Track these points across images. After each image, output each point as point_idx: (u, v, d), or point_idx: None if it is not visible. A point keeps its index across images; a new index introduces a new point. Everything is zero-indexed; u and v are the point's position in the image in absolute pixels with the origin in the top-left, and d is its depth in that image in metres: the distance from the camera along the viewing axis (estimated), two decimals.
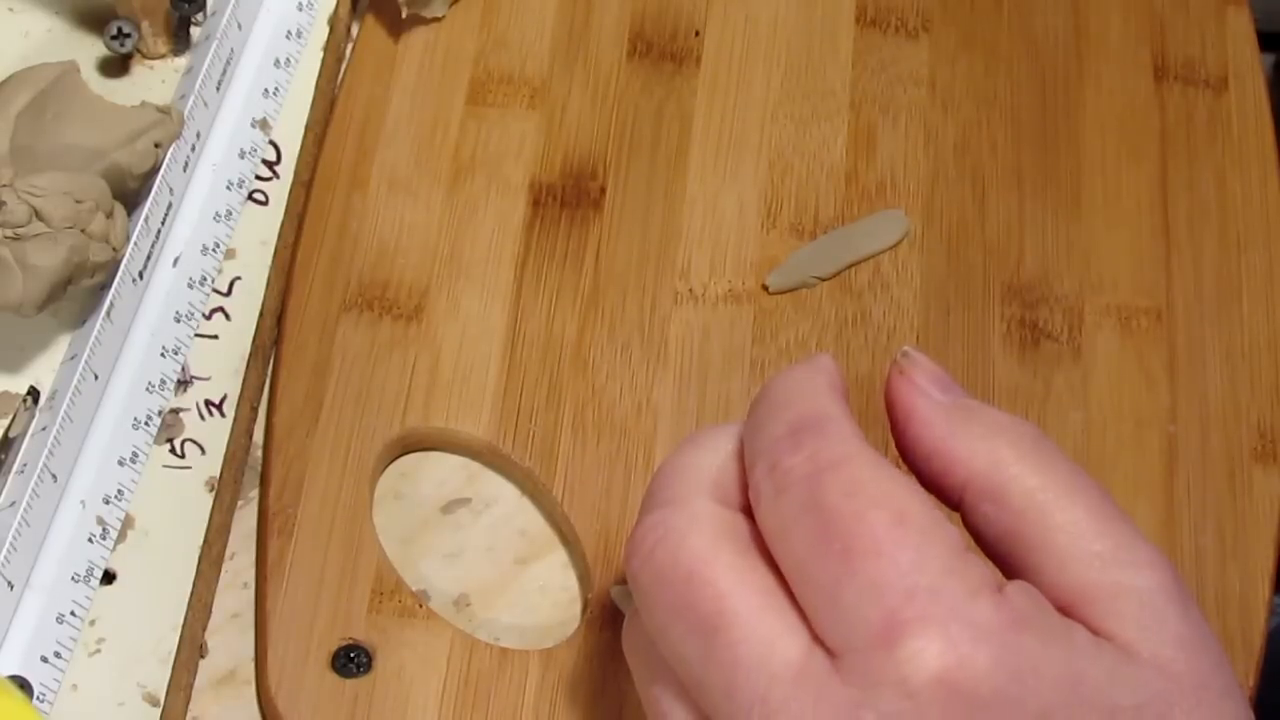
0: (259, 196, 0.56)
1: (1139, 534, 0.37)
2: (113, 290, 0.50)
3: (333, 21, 0.59)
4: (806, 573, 0.35)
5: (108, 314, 0.50)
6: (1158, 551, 0.37)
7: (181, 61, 0.57)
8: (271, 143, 0.57)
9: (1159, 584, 0.36)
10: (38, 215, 0.48)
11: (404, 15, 0.57)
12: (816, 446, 0.36)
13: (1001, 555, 0.38)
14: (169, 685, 0.47)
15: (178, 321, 0.52)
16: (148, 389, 0.51)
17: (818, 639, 0.35)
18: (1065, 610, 0.36)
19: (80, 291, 0.50)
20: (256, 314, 0.53)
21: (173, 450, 0.51)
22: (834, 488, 0.35)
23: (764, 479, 0.36)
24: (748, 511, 0.37)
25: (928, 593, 0.34)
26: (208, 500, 0.50)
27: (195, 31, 0.57)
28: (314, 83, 0.58)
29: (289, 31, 0.58)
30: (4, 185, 0.48)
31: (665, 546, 0.36)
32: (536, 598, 0.50)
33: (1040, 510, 0.37)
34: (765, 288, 0.54)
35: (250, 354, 0.53)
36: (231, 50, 0.56)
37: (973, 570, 0.35)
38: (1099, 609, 0.36)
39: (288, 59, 0.57)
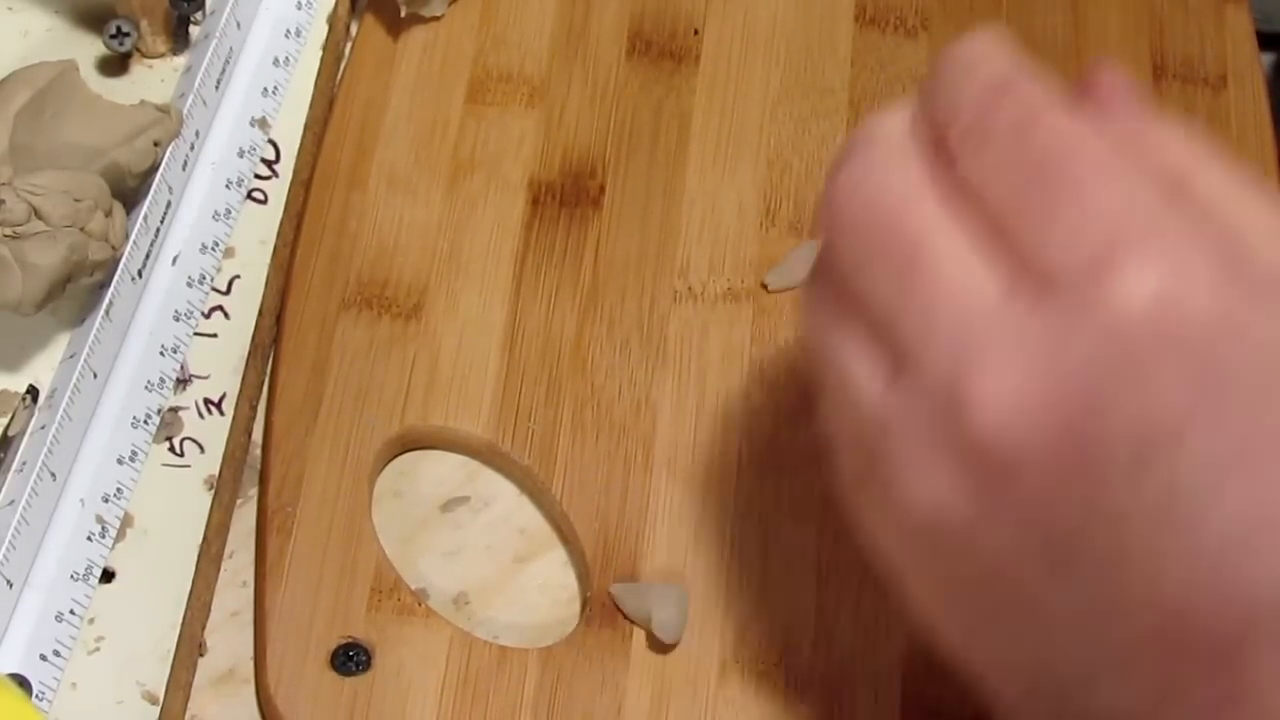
0: (258, 195, 0.56)
1: None
2: (112, 289, 0.50)
3: (332, 20, 0.59)
4: (1015, 212, 0.34)
5: (107, 312, 0.50)
6: None
7: (180, 60, 0.57)
8: (271, 141, 0.57)
9: None
10: (37, 214, 0.48)
11: (403, 14, 0.57)
12: (1020, 95, 0.35)
13: None
14: (168, 683, 0.47)
15: (177, 320, 0.52)
16: (147, 387, 0.51)
17: (1021, 279, 0.34)
18: None
19: (79, 290, 0.50)
20: (255, 312, 0.53)
21: (172, 449, 0.51)
22: (1044, 130, 0.34)
23: (966, 132, 0.35)
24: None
25: (1146, 224, 0.33)
26: (207, 498, 0.50)
27: (194, 30, 0.57)
28: (313, 81, 0.58)
29: (288, 30, 0.58)
30: (3, 184, 0.48)
31: (872, 181, 0.36)
32: (536, 596, 0.50)
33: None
34: (764, 286, 0.54)
35: (249, 352, 0.53)
36: (230, 49, 0.56)
37: (1190, 209, 0.34)
38: None
39: (287, 58, 0.58)
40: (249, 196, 0.56)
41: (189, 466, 0.51)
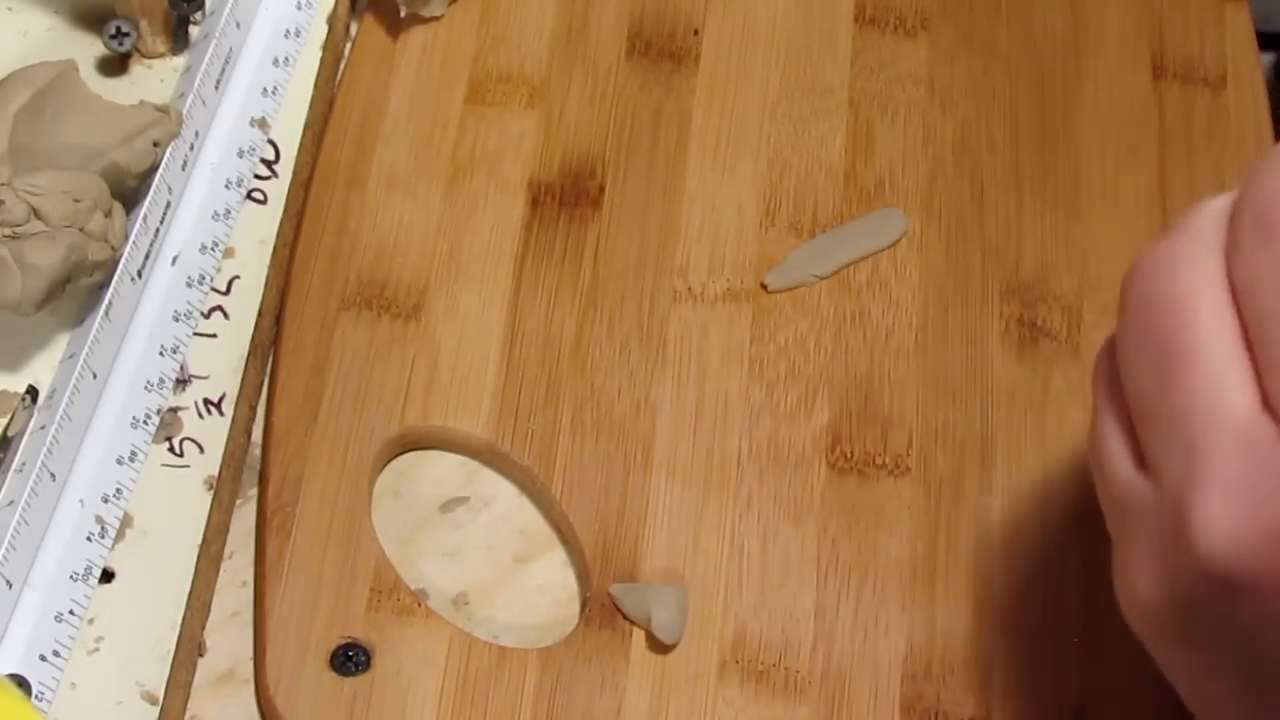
0: (258, 195, 0.56)
1: None
2: (111, 289, 0.50)
3: (331, 20, 0.59)
4: (1271, 329, 0.34)
5: (106, 313, 0.50)
6: None
7: (180, 60, 0.57)
8: (270, 142, 0.57)
9: None
10: (36, 214, 0.48)
11: (403, 14, 0.57)
12: None
13: None
14: (167, 684, 0.47)
15: (176, 320, 0.52)
16: (146, 388, 0.51)
17: (1269, 403, 0.34)
18: None
19: (79, 290, 0.50)
20: (255, 313, 0.53)
21: (171, 449, 0.51)
22: None
23: (1248, 227, 0.35)
24: None
25: None
26: (206, 499, 0.50)
27: (194, 30, 0.57)
28: (313, 82, 0.58)
29: (288, 30, 0.58)
30: (2, 184, 0.48)
31: (1164, 271, 0.35)
32: (535, 596, 0.50)
33: None
34: (764, 286, 0.54)
35: (249, 353, 0.53)
36: (230, 49, 0.56)
37: None
38: None
39: (286, 58, 0.58)
40: (249, 196, 0.56)
41: (189, 467, 0.51)
